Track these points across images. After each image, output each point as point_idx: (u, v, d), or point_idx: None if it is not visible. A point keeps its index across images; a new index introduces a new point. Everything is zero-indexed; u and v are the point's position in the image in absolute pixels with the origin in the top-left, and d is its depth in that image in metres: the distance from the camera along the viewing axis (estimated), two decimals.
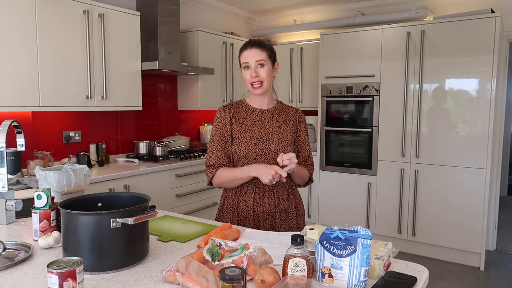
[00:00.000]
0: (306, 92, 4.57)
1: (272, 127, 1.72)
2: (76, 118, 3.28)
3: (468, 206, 3.46)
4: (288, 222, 1.73)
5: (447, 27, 3.48)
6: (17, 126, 1.65)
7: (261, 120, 1.74)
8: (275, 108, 1.78)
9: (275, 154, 1.68)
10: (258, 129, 1.71)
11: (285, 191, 1.73)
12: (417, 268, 1.17)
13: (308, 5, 4.69)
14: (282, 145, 1.69)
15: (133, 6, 3.61)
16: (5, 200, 1.58)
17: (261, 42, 1.69)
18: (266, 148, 1.69)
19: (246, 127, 1.72)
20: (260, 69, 1.66)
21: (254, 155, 1.68)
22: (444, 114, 3.55)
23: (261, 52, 1.66)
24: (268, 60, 1.67)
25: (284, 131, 1.73)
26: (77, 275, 0.92)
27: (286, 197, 1.73)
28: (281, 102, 1.83)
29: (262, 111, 1.76)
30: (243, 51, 1.69)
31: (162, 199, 3.25)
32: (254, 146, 1.68)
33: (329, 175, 4.21)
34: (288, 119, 1.77)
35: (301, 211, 1.80)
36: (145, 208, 1.20)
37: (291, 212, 1.74)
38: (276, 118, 1.75)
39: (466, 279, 3.30)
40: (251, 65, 1.65)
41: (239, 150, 1.69)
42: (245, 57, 1.67)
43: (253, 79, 1.65)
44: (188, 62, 3.94)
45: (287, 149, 1.69)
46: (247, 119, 1.74)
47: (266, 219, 1.70)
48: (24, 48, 2.58)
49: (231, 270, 0.90)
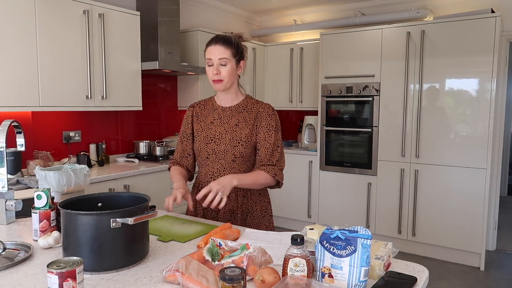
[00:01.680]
0: (306, 92, 4.57)
1: (228, 126, 1.70)
2: (76, 118, 3.28)
3: (468, 206, 3.46)
4: (232, 222, 1.69)
5: (447, 27, 3.48)
6: (17, 126, 1.65)
7: (220, 118, 1.72)
8: (238, 106, 1.73)
9: (225, 154, 1.67)
10: (214, 128, 1.71)
11: (233, 192, 1.69)
12: (417, 268, 1.17)
13: (308, 5, 4.69)
14: (232, 145, 1.66)
15: (133, 6, 3.61)
16: (5, 200, 1.58)
17: (228, 39, 1.64)
18: (217, 148, 1.68)
19: (204, 126, 1.73)
20: (222, 67, 1.63)
21: (206, 154, 1.70)
22: (444, 114, 3.55)
23: (225, 50, 1.62)
24: (232, 58, 1.63)
25: (240, 129, 1.68)
26: (77, 275, 0.92)
27: (234, 199, 1.70)
28: (250, 98, 1.77)
29: (223, 109, 1.74)
30: (208, 46, 1.65)
31: (162, 199, 3.22)
32: (206, 145, 1.70)
33: (329, 175, 4.20)
34: (249, 117, 1.70)
35: (257, 213, 1.73)
36: (145, 208, 1.20)
37: (236, 214, 1.71)
38: (236, 116, 1.71)
39: (466, 279, 3.30)
40: (213, 62, 1.63)
41: (195, 148, 1.74)
42: (208, 53, 1.64)
43: (214, 76, 1.64)
44: (188, 62, 3.94)
45: (238, 149, 1.66)
46: (208, 117, 1.75)
47: (212, 216, 1.73)
48: (24, 48, 2.58)
49: (231, 270, 0.89)
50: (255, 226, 1.72)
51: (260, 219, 1.74)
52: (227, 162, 1.67)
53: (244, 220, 1.72)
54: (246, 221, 1.72)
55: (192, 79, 4.05)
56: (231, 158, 1.67)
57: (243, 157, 1.67)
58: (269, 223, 1.78)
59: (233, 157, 1.67)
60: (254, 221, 1.73)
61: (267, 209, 1.78)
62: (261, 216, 1.75)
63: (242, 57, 1.70)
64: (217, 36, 1.66)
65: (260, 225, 1.74)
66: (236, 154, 1.66)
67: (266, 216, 1.78)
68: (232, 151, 1.66)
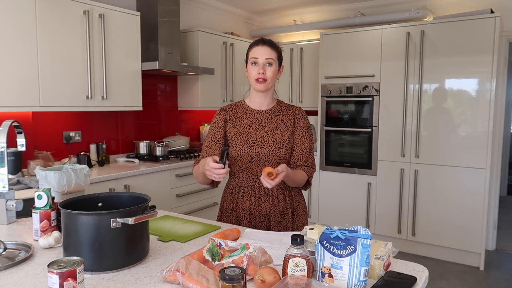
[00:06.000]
0: (306, 92, 4.57)
1: (268, 129, 1.70)
2: (77, 118, 3.28)
3: (468, 206, 3.46)
4: (283, 224, 1.71)
5: (447, 27, 3.48)
6: (18, 126, 1.65)
7: (258, 121, 1.72)
8: (274, 109, 1.75)
9: (270, 157, 1.67)
10: (254, 131, 1.70)
11: (281, 194, 1.71)
12: (417, 268, 1.17)
13: (308, 5, 4.69)
14: (277, 148, 1.67)
15: (133, 6, 3.61)
16: (5, 200, 1.58)
17: (273, 42, 1.69)
18: (261, 150, 1.67)
19: (242, 129, 1.71)
20: (267, 67, 1.65)
21: (249, 158, 1.68)
22: (444, 114, 3.55)
23: (272, 52, 1.66)
24: (276, 60, 1.67)
25: (281, 132, 1.70)
26: (77, 275, 0.93)
27: (282, 200, 1.71)
28: (282, 102, 1.80)
29: (260, 112, 1.74)
30: (254, 47, 1.67)
31: (162, 199, 3.25)
32: (248, 148, 1.68)
33: (329, 175, 4.21)
34: (287, 120, 1.73)
35: (301, 212, 1.78)
36: (145, 208, 1.20)
37: (286, 215, 1.72)
38: (274, 119, 1.73)
39: (466, 279, 3.30)
40: (259, 61, 1.64)
41: (235, 152, 1.69)
42: (255, 52, 1.65)
43: (259, 75, 1.64)
44: (188, 62, 3.94)
45: (282, 151, 1.67)
46: (244, 120, 1.73)
47: (262, 221, 1.70)
48: (24, 48, 2.58)
49: (231, 270, 0.90)
50: (301, 225, 1.76)
51: (303, 217, 1.79)
52: (271, 164, 1.66)
53: (292, 220, 1.74)
54: (294, 221, 1.75)
55: (192, 79, 4.05)
56: (276, 160, 1.67)
57: (286, 159, 1.70)
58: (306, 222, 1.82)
59: (278, 159, 1.67)
60: (299, 220, 1.77)
61: (305, 208, 1.84)
62: (303, 214, 1.79)
63: (282, 62, 1.74)
64: (263, 39, 1.69)
65: (304, 223, 1.78)
66: (280, 156, 1.67)
67: (307, 215, 1.84)
68: (277, 153, 1.67)
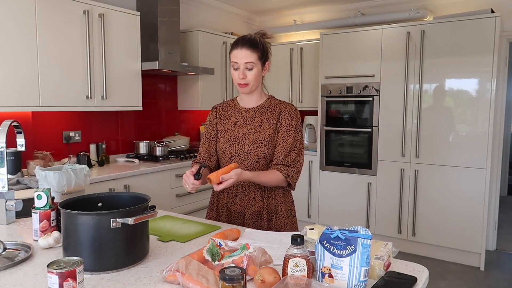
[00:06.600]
0: (306, 92, 4.57)
1: (252, 127, 1.68)
2: (76, 118, 3.28)
3: (468, 206, 3.46)
4: (258, 223, 1.68)
5: (447, 27, 3.48)
6: (17, 126, 1.65)
7: (244, 119, 1.71)
8: (261, 106, 1.71)
9: (248, 155, 1.65)
10: (238, 129, 1.70)
11: (259, 193, 1.68)
12: (417, 268, 1.17)
13: (308, 5, 4.69)
14: (255, 146, 1.64)
15: (133, 6, 3.61)
16: (5, 200, 1.58)
17: (253, 41, 1.60)
18: (240, 149, 1.67)
19: (228, 127, 1.72)
20: (248, 72, 1.61)
21: (229, 156, 1.68)
22: (444, 114, 3.55)
23: (251, 54, 1.59)
24: (258, 61, 1.61)
25: (263, 130, 1.66)
26: (77, 275, 0.93)
27: (259, 200, 1.68)
28: (273, 98, 1.75)
29: (246, 110, 1.72)
30: (233, 49, 1.62)
31: (162, 199, 3.25)
32: (229, 147, 1.69)
33: (329, 175, 4.20)
34: (272, 117, 1.68)
35: (283, 214, 1.70)
36: (145, 208, 1.20)
37: (263, 215, 1.68)
38: (259, 116, 1.69)
39: (466, 279, 3.30)
40: (239, 66, 1.60)
41: (219, 150, 1.73)
42: (234, 56, 1.61)
43: (240, 80, 1.62)
44: (188, 62, 3.94)
45: (261, 150, 1.64)
46: (231, 118, 1.73)
47: (237, 219, 1.70)
48: (24, 48, 2.58)
49: (231, 270, 0.90)
50: (281, 227, 1.69)
51: (285, 219, 1.71)
52: (250, 163, 1.65)
53: (269, 221, 1.69)
54: (271, 222, 1.70)
55: (192, 79, 4.05)
56: (255, 159, 1.65)
57: (266, 158, 1.66)
58: (293, 224, 1.75)
59: (257, 157, 1.65)
60: (279, 221, 1.70)
61: (291, 210, 1.76)
62: (286, 216, 1.72)
63: (267, 58, 1.67)
64: (243, 38, 1.62)
65: (285, 226, 1.71)
66: (259, 155, 1.65)
67: (290, 217, 1.75)
68: (256, 152, 1.65)
